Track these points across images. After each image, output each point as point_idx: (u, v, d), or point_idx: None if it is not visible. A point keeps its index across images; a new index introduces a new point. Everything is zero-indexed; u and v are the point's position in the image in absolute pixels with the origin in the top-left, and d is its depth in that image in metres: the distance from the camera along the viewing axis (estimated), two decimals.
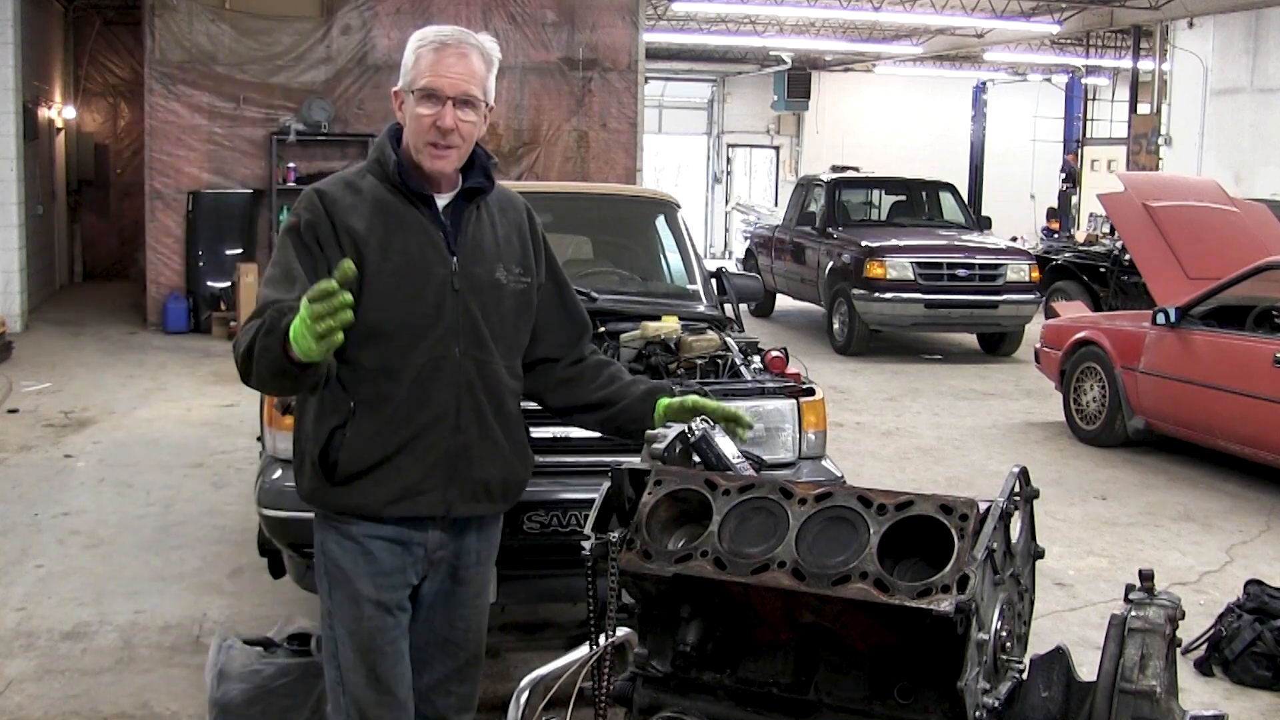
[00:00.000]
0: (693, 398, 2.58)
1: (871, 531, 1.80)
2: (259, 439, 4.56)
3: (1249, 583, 4.99)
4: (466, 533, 2.64)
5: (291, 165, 13.29)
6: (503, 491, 2.64)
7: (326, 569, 2.58)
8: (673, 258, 5.58)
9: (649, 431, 2.27)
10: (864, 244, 12.73)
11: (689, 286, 5.34)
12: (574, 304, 2.83)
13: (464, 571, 2.66)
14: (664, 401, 2.63)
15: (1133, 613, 1.88)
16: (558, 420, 3.96)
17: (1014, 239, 15.98)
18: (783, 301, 15.62)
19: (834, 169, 17.11)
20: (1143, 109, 18.92)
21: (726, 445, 2.19)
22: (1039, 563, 2.10)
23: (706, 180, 27.62)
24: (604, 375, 2.78)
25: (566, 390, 2.78)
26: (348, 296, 2.07)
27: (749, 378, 4.34)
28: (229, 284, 12.92)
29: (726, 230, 26.13)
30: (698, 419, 2.29)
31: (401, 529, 2.54)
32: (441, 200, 2.58)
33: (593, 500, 2.14)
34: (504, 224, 2.66)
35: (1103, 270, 13.37)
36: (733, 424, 2.49)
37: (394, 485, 2.49)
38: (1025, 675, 1.93)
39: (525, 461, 2.70)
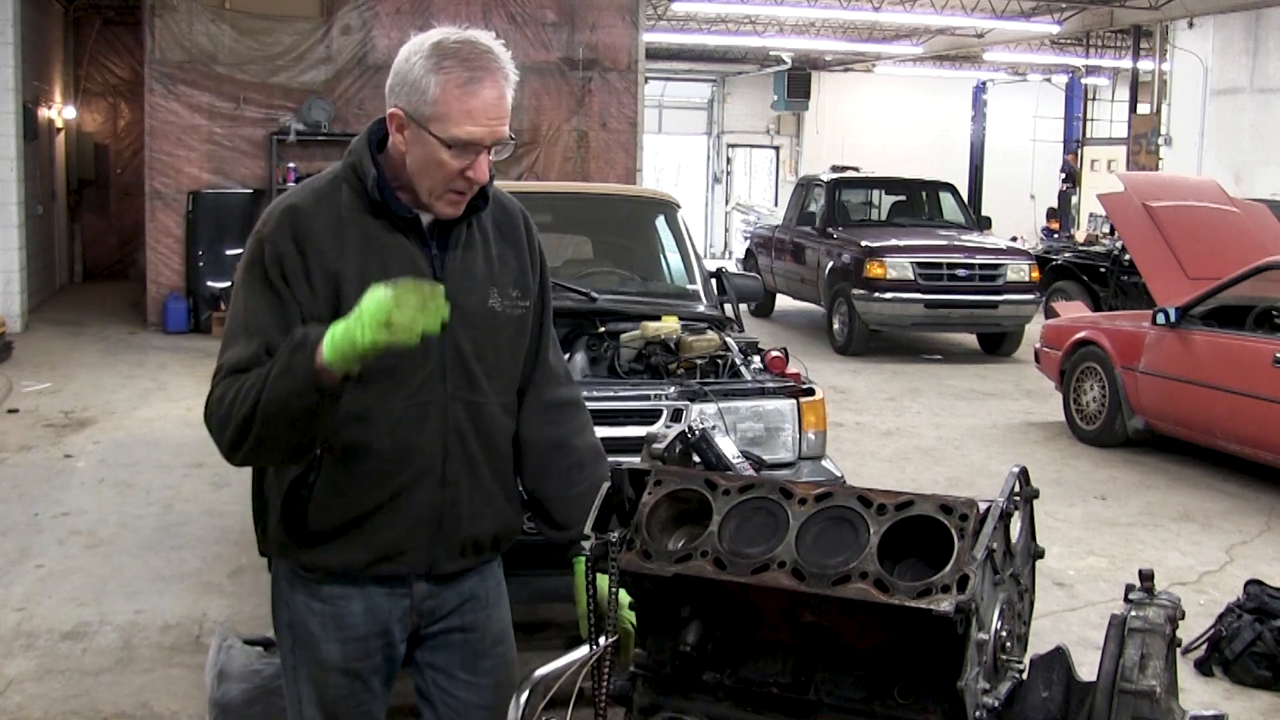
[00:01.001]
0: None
1: (871, 531, 1.80)
2: None
3: (1249, 583, 4.99)
4: (459, 579, 2.34)
5: (291, 165, 13.29)
6: (493, 544, 2.34)
7: (290, 623, 2.28)
8: (673, 258, 5.59)
9: (649, 431, 2.26)
10: (864, 244, 12.74)
11: (689, 286, 5.35)
12: (551, 341, 2.43)
13: (470, 617, 2.37)
14: (579, 563, 2.29)
15: (1133, 613, 1.88)
16: None
17: (1014, 239, 15.99)
18: (783, 301, 15.63)
19: (834, 169, 17.12)
20: (1143, 109, 18.92)
21: (726, 445, 2.19)
22: (1039, 563, 2.10)
23: (706, 180, 27.62)
24: (556, 468, 2.38)
25: (533, 462, 2.38)
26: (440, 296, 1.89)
27: (749, 378, 4.34)
28: (229, 284, 12.92)
29: (726, 230, 26.14)
30: (696, 418, 2.29)
31: (380, 586, 2.24)
32: (426, 217, 2.20)
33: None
34: (499, 240, 2.30)
35: (1103, 270, 13.37)
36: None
37: (370, 547, 2.19)
38: (1025, 675, 1.93)
39: (518, 507, 2.39)
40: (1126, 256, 11.97)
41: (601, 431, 3.94)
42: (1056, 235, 18.73)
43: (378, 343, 1.91)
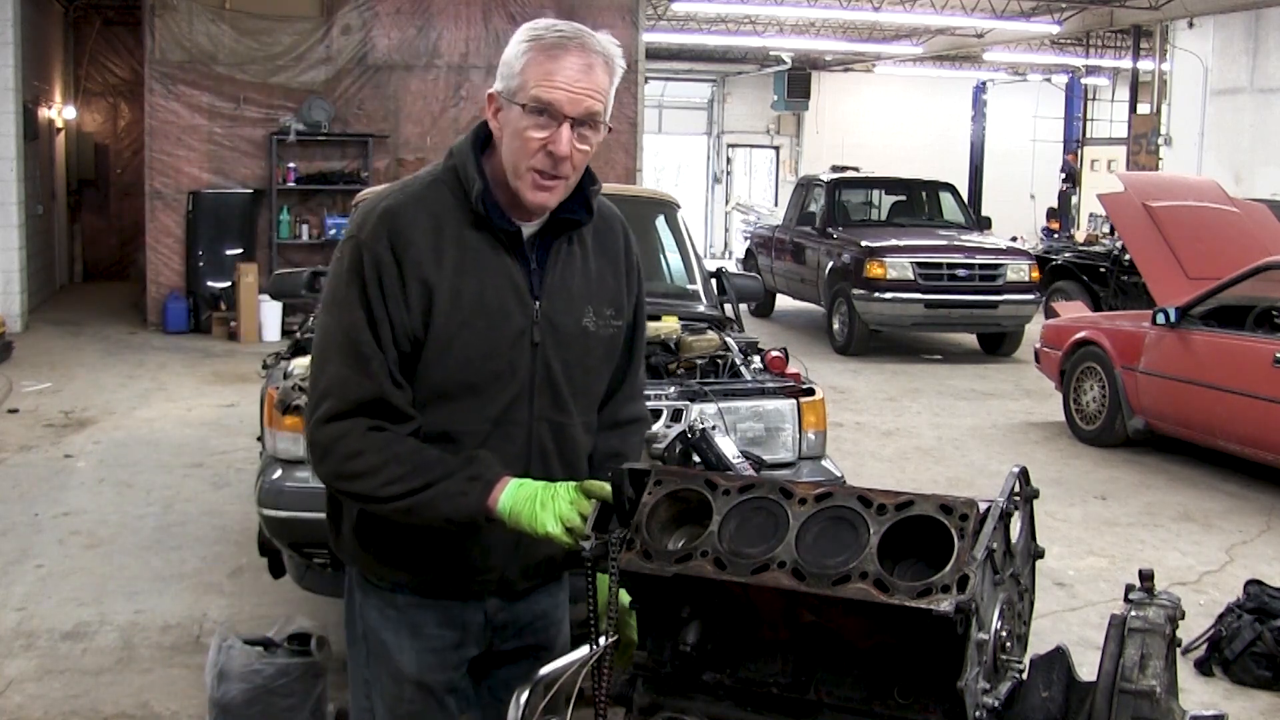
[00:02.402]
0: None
1: (871, 531, 1.80)
2: (259, 439, 4.56)
3: (1249, 583, 5.00)
4: (532, 596, 2.30)
5: (291, 165, 13.30)
6: (565, 562, 2.25)
7: (364, 634, 2.23)
8: (673, 258, 5.59)
9: (649, 430, 2.26)
10: (864, 244, 12.74)
11: (689, 286, 5.34)
12: (640, 360, 2.37)
13: (543, 635, 2.32)
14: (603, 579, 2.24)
15: (1133, 613, 1.88)
16: None
17: (1014, 239, 15.99)
18: (783, 301, 15.63)
19: (834, 169, 17.12)
20: (1143, 109, 18.92)
21: (726, 445, 2.19)
22: (1039, 563, 2.10)
23: (706, 180, 27.62)
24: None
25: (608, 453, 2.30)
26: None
27: (749, 378, 4.34)
28: (229, 284, 12.92)
29: (726, 230, 26.14)
30: (696, 418, 2.29)
31: (455, 600, 2.20)
32: (528, 229, 2.11)
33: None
34: (598, 256, 2.21)
35: (1103, 270, 13.38)
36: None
37: (447, 563, 2.16)
38: (1025, 675, 1.93)
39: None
40: (1126, 256, 11.97)
41: None
42: (1056, 235, 18.73)
43: (550, 537, 1.96)
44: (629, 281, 2.28)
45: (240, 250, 13.22)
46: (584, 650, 2.06)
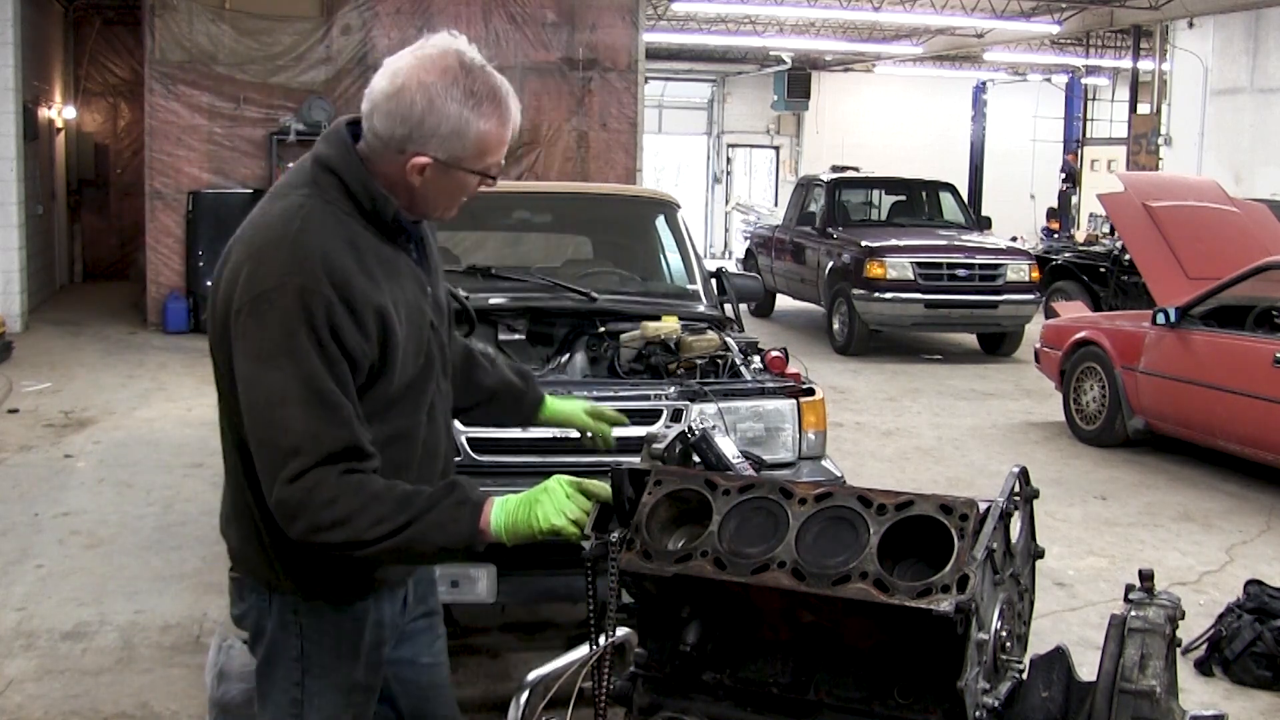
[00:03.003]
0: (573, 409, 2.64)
1: (871, 531, 1.80)
2: None
3: (1249, 583, 4.99)
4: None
5: (291, 165, 13.28)
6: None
7: (304, 653, 2.18)
8: (673, 258, 5.59)
9: (649, 431, 2.27)
10: (864, 244, 12.74)
11: (689, 286, 5.34)
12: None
13: (432, 600, 2.42)
14: (550, 403, 2.63)
15: (1133, 613, 1.88)
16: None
17: (1014, 239, 15.99)
18: (783, 301, 15.63)
19: (834, 169, 17.11)
20: (1143, 109, 18.92)
21: (726, 445, 2.19)
22: (1039, 563, 2.10)
23: (706, 180, 27.62)
24: (482, 363, 2.55)
25: (469, 381, 2.50)
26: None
27: (749, 378, 4.34)
28: None
29: (726, 230, 26.14)
30: (696, 418, 2.29)
31: (388, 591, 2.25)
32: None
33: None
34: (429, 233, 2.30)
35: (1103, 270, 13.38)
36: (603, 425, 2.61)
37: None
38: (1025, 675, 1.93)
39: None
40: (1126, 256, 11.97)
41: None
42: (1056, 235, 18.73)
43: (556, 530, 1.96)
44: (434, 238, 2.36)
45: None
46: (584, 650, 2.06)
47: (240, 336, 1.99)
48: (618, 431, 3.94)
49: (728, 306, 5.25)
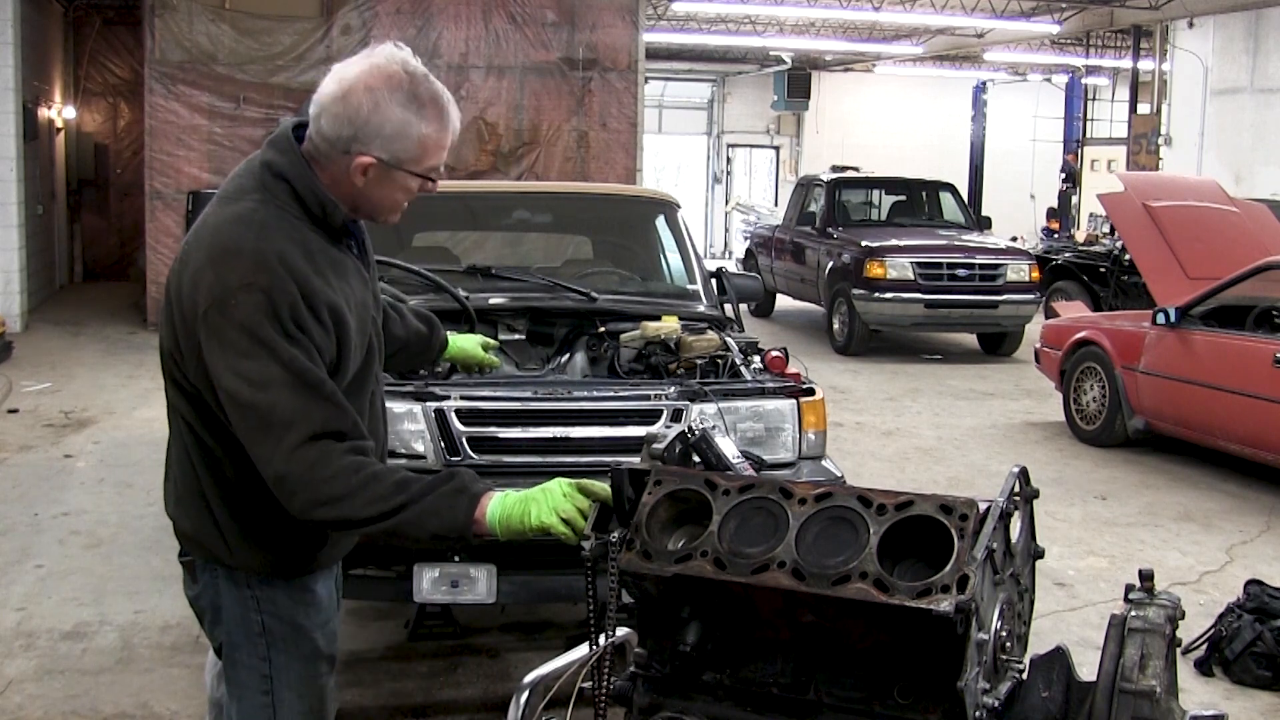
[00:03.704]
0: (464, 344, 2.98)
1: (871, 531, 1.81)
2: None
3: (1249, 583, 4.99)
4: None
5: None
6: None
7: (265, 629, 2.28)
8: (673, 258, 5.58)
9: (649, 431, 2.27)
10: (864, 244, 12.74)
11: (689, 286, 5.34)
12: None
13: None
14: (453, 342, 2.95)
15: (1133, 613, 1.88)
16: (559, 421, 3.98)
17: (1014, 239, 15.99)
18: (783, 301, 15.63)
19: (834, 169, 17.12)
20: (1143, 109, 18.93)
21: (726, 445, 2.19)
22: (1039, 563, 2.10)
23: (706, 180, 27.63)
24: (393, 314, 2.72)
25: (386, 334, 2.58)
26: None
27: (749, 378, 4.34)
28: None
29: (726, 230, 26.14)
30: (696, 418, 2.29)
31: (330, 569, 2.39)
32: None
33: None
34: (361, 232, 2.41)
35: (1103, 270, 13.38)
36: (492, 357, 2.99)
37: (348, 536, 2.37)
38: (1025, 675, 1.93)
39: None
40: (1126, 256, 11.97)
41: (601, 431, 3.97)
42: (1056, 235, 18.73)
43: (546, 528, 2.00)
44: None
45: None
46: (584, 650, 2.06)
47: (211, 335, 2.06)
48: (618, 431, 3.96)
49: (728, 306, 5.25)
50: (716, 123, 27.64)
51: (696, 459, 2.15)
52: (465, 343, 3.02)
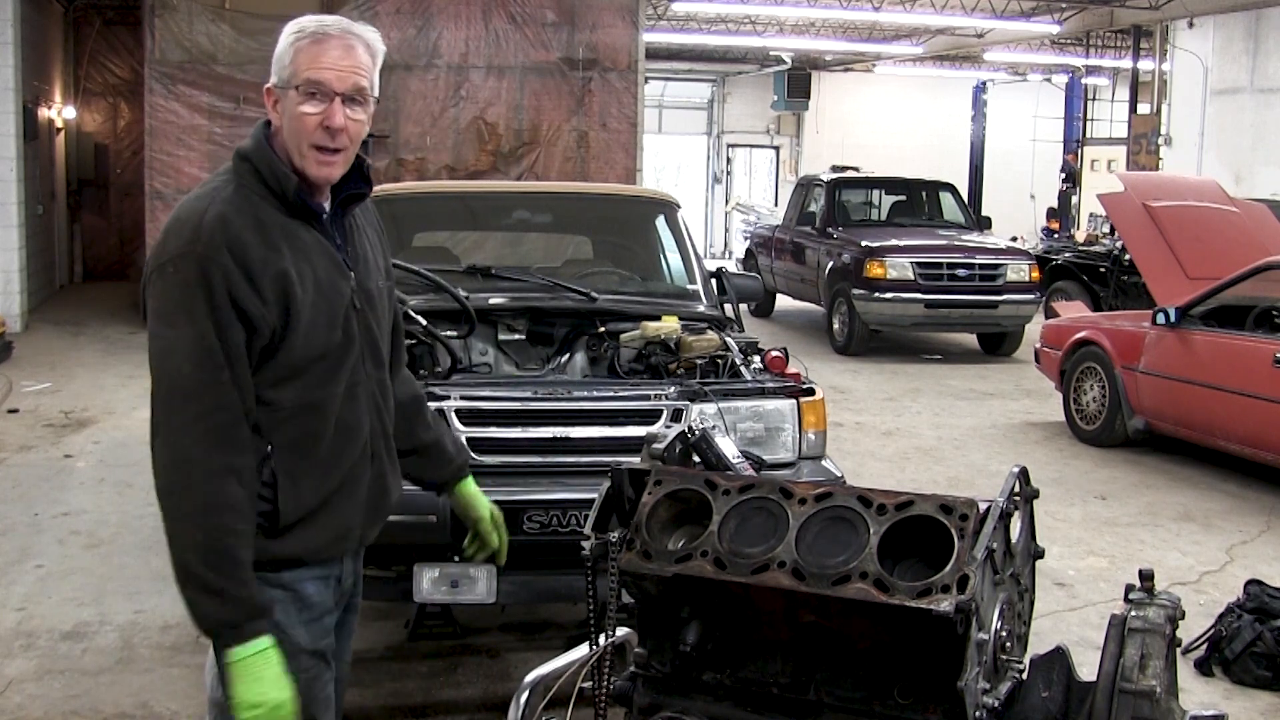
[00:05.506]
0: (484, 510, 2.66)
1: (871, 531, 1.81)
2: None
3: (1249, 583, 4.99)
4: (359, 554, 2.50)
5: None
6: (390, 510, 2.48)
7: None
8: (673, 258, 5.58)
9: (649, 431, 2.27)
10: (864, 244, 12.73)
11: (689, 286, 5.34)
12: (400, 315, 2.62)
13: (355, 598, 2.52)
14: (468, 483, 2.68)
15: (1133, 613, 1.88)
16: (559, 421, 3.98)
17: (1014, 239, 15.99)
18: (783, 301, 15.63)
19: (834, 169, 17.11)
20: (1143, 109, 18.92)
21: (726, 445, 2.19)
22: (1039, 563, 2.10)
23: (706, 180, 27.62)
24: (427, 416, 2.65)
25: (406, 420, 2.57)
26: None
27: (749, 378, 4.34)
28: None
29: (726, 230, 26.14)
30: (696, 418, 2.29)
31: (323, 567, 2.34)
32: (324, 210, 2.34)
33: (593, 500, 2.14)
34: (367, 227, 2.46)
35: (1103, 270, 13.37)
36: (494, 536, 2.63)
37: (329, 529, 2.29)
38: (1025, 675, 1.93)
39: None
40: (1126, 256, 11.97)
41: (601, 431, 3.97)
42: (1056, 235, 18.73)
43: (256, 711, 2.12)
44: (385, 246, 2.53)
45: None
46: (584, 650, 2.06)
47: (150, 299, 2.17)
48: (618, 431, 3.96)
49: (728, 306, 5.25)
50: (716, 123, 27.64)
51: (696, 459, 2.15)
52: (479, 498, 2.70)
